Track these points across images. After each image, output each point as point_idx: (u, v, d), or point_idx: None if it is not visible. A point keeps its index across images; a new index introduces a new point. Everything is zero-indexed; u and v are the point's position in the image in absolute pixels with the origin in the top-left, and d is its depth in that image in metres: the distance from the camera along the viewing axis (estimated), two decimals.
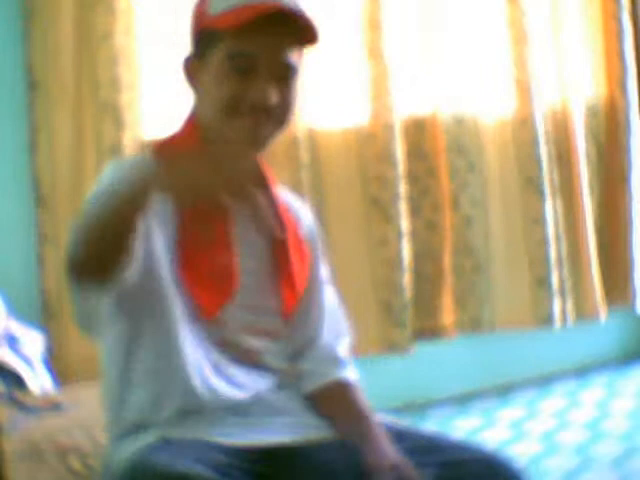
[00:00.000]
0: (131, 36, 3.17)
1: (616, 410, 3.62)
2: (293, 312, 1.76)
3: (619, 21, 4.05)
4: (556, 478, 3.00)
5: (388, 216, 3.58)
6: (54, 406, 2.40)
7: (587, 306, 4.03)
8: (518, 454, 3.18)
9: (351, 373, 1.81)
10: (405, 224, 3.63)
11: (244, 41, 1.61)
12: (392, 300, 3.60)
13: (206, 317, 1.64)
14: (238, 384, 1.67)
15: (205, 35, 1.64)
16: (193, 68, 1.68)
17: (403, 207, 3.62)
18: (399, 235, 3.59)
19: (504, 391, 3.93)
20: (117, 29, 3.11)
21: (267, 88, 1.62)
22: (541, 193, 3.85)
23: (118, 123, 3.11)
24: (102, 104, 3.11)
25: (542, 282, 3.86)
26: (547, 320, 3.88)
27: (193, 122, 1.69)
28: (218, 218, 1.65)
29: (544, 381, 4.02)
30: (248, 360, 1.70)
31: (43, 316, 3.07)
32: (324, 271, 1.85)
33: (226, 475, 1.47)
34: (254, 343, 1.71)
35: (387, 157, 3.57)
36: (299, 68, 1.67)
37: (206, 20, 1.64)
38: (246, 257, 1.69)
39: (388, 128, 3.57)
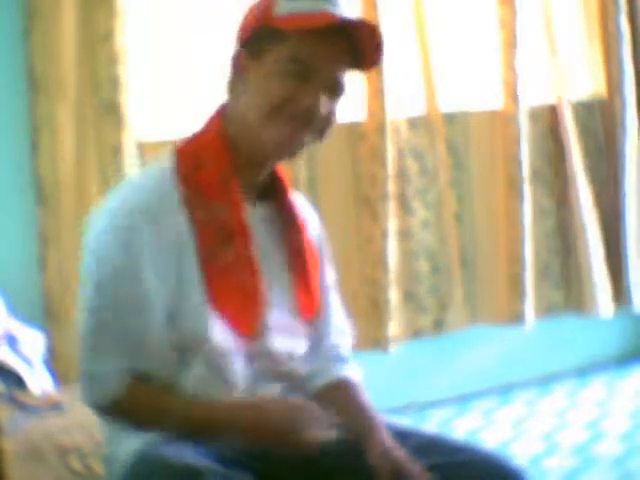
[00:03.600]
0: (131, 36, 3.17)
1: (616, 410, 3.62)
2: (314, 316, 1.76)
3: (616, 22, 4.07)
4: (556, 478, 3.00)
5: (376, 215, 3.61)
6: (54, 406, 2.40)
7: (586, 303, 4.05)
8: (518, 454, 3.18)
9: (354, 372, 1.82)
10: (393, 223, 3.66)
11: (308, 47, 1.58)
12: (379, 298, 3.61)
13: (246, 339, 1.63)
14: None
15: (266, 32, 1.60)
16: (244, 64, 1.63)
17: (391, 206, 3.65)
18: (384, 234, 3.60)
19: (504, 391, 3.93)
20: (118, 29, 3.11)
21: (320, 97, 1.60)
22: (520, 192, 3.88)
23: (119, 123, 3.11)
24: (103, 104, 3.11)
25: (516, 281, 3.88)
26: (519, 318, 3.89)
27: (220, 122, 1.66)
28: (237, 239, 1.62)
29: (544, 381, 4.03)
30: (275, 370, 1.69)
31: (44, 316, 3.07)
32: (330, 273, 1.85)
33: (230, 468, 1.48)
34: (283, 350, 1.70)
35: (378, 156, 3.59)
36: (345, 89, 1.65)
37: (270, 18, 1.60)
38: (268, 270, 1.67)
39: (380, 127, 3.59)
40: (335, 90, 1.63)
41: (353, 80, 1.68)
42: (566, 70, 4.04)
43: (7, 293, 2.81)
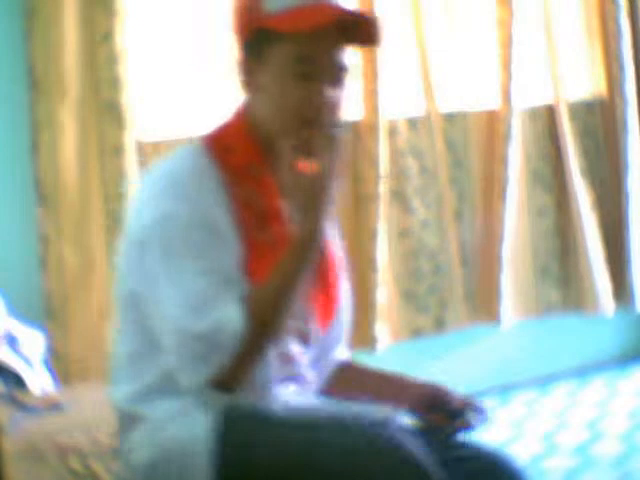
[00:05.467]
0: (131, 36, 3.17)
1: (616, 410, 3.62)
2: (330, 321, 1.73)
3: (617, 21, 4.08)
4: (556, 478, 3.00)
5: (373, 214, 3.62)
6: (54, 406, 2.40)
7: (585, 302, 4.05)
8: (518, 454, 3.18)
9: (342, 353, 1.81)
10: (392, 223, 3.67)
11: (309, 44, 1.56)
12: (376, 297, 3.62)
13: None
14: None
15: (262, 34, 1.58)
16: (249, 67, 1.61)
17: (388, 205, 3.66)
18: (374, 233, 3.61)
19: (504, 391, 3.93)
20: (118, 29, 3.11)
21: (326, 90, 1.58)
22: (503, 191, 3.88)
23: (120, 122, 3.11)
24: (103, 104, 3.12)
25: (497, 280, 3.90)
26: (495, 318, 3.90)
27: (243, 117, 1.64)
28: (273, 224, 1.61)
29: (544, 381, 4.03)
30: (290, 371, 1.67)
31: (44, 316, 3.07)
32: (346, 281, 1.81)
33: None
34: (296, 350, 1.68)
35: (375, 155, 3.60)
36: (348, 65, 1.62)
37: (262, 18, 1.57)
38: None
39: (377, 127, 3.60)
40: (340, 75, 1.61)
41: (352, 81, 1.67)
42: (565, 70, 4.05)
43: (7, 293, 2.81)
